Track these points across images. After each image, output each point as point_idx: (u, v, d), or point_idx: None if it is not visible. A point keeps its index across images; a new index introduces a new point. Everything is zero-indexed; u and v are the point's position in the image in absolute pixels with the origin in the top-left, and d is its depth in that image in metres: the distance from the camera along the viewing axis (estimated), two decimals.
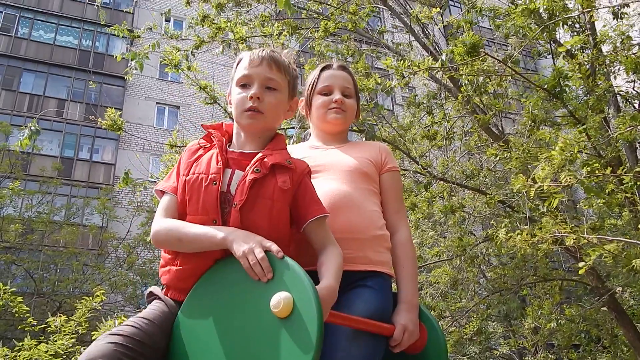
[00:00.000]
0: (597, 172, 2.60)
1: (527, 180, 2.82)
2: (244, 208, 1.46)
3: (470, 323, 7.16)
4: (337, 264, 1.48)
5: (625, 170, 3.06)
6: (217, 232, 1.41)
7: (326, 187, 1.73)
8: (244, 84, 1.61)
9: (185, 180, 1.54)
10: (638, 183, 3.11)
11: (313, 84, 1.96)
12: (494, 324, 8.98)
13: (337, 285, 1.43)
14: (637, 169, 3.31)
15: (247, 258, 1.34)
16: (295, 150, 1.95)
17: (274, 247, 1.36)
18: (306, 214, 1.54)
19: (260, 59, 1.60)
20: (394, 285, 1.82)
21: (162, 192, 1.59)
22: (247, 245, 1.35)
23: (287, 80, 1.65)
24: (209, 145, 1.63)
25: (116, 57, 6.35)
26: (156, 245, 1.56)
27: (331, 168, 1.82)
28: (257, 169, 1.51)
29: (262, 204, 1.48)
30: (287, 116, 1.71)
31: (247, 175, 1.50)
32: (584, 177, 2.57)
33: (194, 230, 1.44)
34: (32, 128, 5.01)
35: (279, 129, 5.74)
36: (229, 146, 1.64)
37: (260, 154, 1.56)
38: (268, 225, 1.47)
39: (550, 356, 7.90)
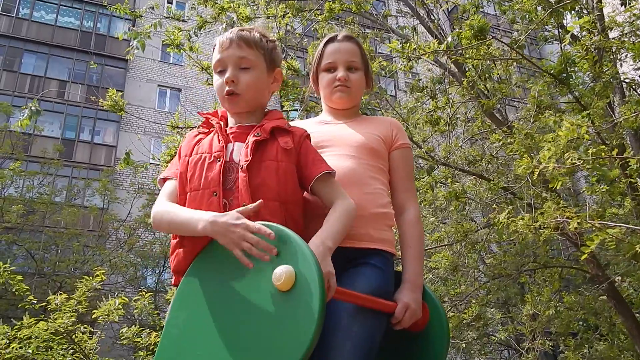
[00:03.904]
0: (602, 154, 2.57)
1: (532, 162, 2.80)
2: (251, 169, 1.49)
3: (469, 308, 7.18)
4: (336, 219, 1.48)
5: (631, 153, 3.03)
6: (197, 222, 1.39)
7: (331, 164, 1.68)
8: (220, 70, 1.65)
9: (188, 160, 1.57)
10: None
11: (318, 60, 1.91)
12: (492, 310, 9.01)
13: (324, 243, 1.39)
14: None
15: (239, 248, 1.31)
16: (305, 125, 1.93)
17: (263, 228, 1.32)
18: (311, 173, 1.55)
19: (229, 40, 1.62)
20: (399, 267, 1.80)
21: (164, 181, 1.63)
22: (234, 234, 1.32)
23: (261, 55, 1.65)
24: (207, 130, 1.66)
25: (118, 36, 6.30)
26: (154, 228, 1.59)
27: (337, 144, 1.79)
28: (257, 133, 1.56)
29: (268, 165, 1.51)
30: (274, 88, 1.72)
31: (248, 140, 1.55)
32: (589, 159, 2.54)
33: (181, 216, 1.46)
34: (33, 108, 4.99)
35: (283, 110, 5.68)
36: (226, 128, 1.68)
37: (258, 124, 1.62)
38: (277, 185, 1.49)
39: (547, 343, 7.92)
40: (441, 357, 1.63)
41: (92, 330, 6.03)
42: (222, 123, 1.65)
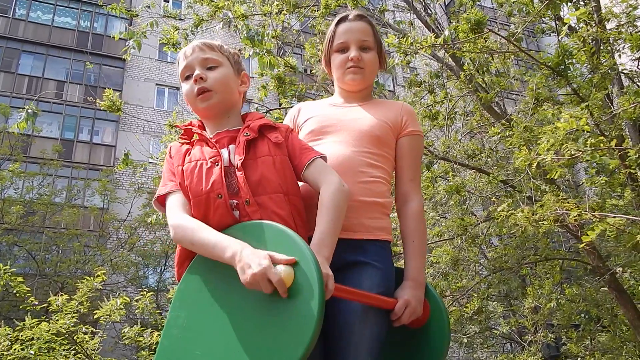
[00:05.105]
0: (601, 145, 2.56)
1: (530, 154, 2.79)
2: (247, 166, 1.50)
3: (471, 302, 7.19)
4: (324, 216, 1.44)
5: (630, 144, 3.02)
6: (224, 250, 1.34)
7: (329, 151, 1.66)
8: (187, 76, 1.65)
9: (183, 169, 1.54)
10: None
11: (330, 41, 1.86)
12: (494, 303, 9.03)
13: (320, 253, 1.34)
14: None
15: (260, 286, 1.24)
16: (315, 106, 1.90)
17: (282, 284, 1.23)
18: (301, 162, 1.58)
19: (192, 48, 1.66)
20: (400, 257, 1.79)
21: (165, 197, 1.56)
22: (257, 268, 1.23)
23: (225, 57, 1.68)
24: (190, 141, 1.64)
25: (114, 36, 6.28)
26: (176, 241, 1.52)
27: (341, 130, 1.74)
28: (246, 133, 1.57)
29: (265, 160, 1.53)
30: (243, 90, 1.71)
31: (239, 140, 1.56)
32: (588, 149, 2.53)
33: (205, 239, 1.40)
34: (29, 111, 4.98)
35: (278, 109, 5.66)
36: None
37: (244, 124, 1.62)
38: (277, 177, 1.51)
39: (549, 335, 7.94)
40: (441, 354, 1.62)
41: (94, 330, 6.03)
42: (205, 133, 1.62)
